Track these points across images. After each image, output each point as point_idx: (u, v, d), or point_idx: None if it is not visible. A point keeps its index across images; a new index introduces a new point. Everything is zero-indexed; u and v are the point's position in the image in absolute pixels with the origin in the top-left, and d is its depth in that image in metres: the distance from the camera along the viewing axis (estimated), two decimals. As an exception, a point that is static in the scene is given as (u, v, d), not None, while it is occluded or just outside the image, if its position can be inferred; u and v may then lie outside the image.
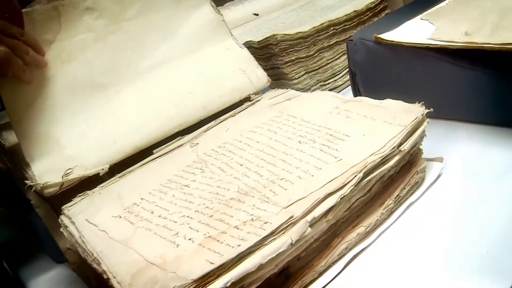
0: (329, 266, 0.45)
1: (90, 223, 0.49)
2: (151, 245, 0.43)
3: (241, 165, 0.51)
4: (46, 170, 0.55)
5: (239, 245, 0.39)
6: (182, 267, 0.39)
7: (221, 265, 0.37)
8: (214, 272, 0.37)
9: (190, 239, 0.42)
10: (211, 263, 0.38)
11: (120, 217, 0.49)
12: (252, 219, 0.42)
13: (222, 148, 0.56)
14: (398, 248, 0.46)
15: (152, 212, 0.48)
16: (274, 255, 0.38)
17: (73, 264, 0.56)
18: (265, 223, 0.41)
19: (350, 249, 0.47)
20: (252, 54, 0.78)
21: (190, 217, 0.45)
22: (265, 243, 0.39)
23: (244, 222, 0.42)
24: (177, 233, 0.43)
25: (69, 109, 0.60)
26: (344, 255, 0.46)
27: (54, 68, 0.60)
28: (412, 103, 0.53)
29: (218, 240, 0.40)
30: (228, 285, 0.36)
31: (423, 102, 0.52)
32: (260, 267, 0.38)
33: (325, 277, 0.44)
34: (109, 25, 0.65)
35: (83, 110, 0.61)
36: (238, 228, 0.41)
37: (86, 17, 0.63)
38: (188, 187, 0.51)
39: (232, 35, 0.73)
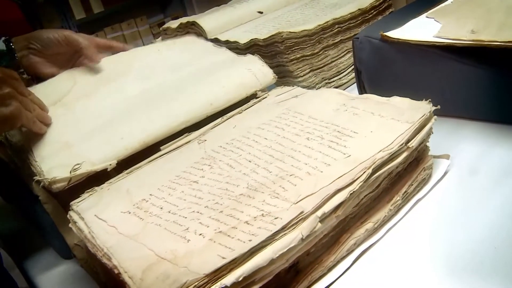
0: (338, 262, 0.46)
1: (99, 219, 0.49)
2: (161, 240, 0.43)
3: (250, 161, 0.52)
4: (54, 166, 0.56)
5: (250, 240, 0.39)
6: (193, 262, 0.39)
7: (232, 260, 0.38)
8: (226, 267, 0.37)
9: (200, 234, 0.42)
10: (223, 258, 0.38)
11: (130, 212, 0.49)
12: (262, 214, 0.42)
13: (230, 145, 0.56)
14: (405, 244, 0.47)
15: (161, 208, 0.48)
16: (285, 250, 0.39)
17: (81, 260, 0.56)
18: (275, 218, 0.41)
19: (359, 245, 0.47)
20: (257, 51, 0.79)
21: (200, 213, 0.45)
22: (276, 238, 0.39)
23: (255, 217, 0.42)
24: (187, 229, 0.44)
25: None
26: (352, 250, 0.46)
27: (72, 106, 0.67)
28: (418, 100, 0.53)
29: (229, 235, 0.41)
30: (240, 279, 0.37)
31: (430, 100, 0.52)
32: (271, 262, 0.38)
33: (334, 273, 0.45)
34: (119, 73, 0.74)
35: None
36: (248, 224, 0.41)
37: (98, 75, 0.74)
38: (197, 183, 0.51)
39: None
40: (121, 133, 0.60)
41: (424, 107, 0.52)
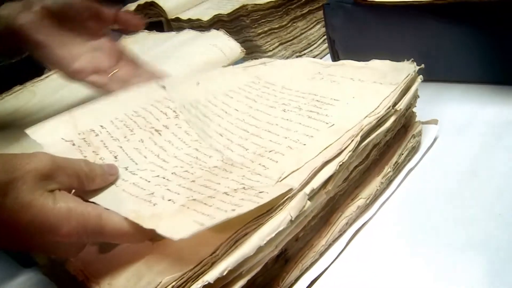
0: (330, 245, 0.41)
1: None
2: (118, 200, 0.37)
3: (221, 135, 0.46)
4: None
5: (233, 210, 0.33)
6: (162, 224, 0.33)
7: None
8: (207, 261, 0.32)
9: (170, 200, 0.37)
10: (201, 224, 0.32)
11: (73, 144, 0.42)
12: (244, 187, 0.37)
13: (195, 109, 0.50)
14: (401, 218, 0.42)
15: (115, 157, 0.42)
16: (273, 234, 0.33)
17: (43, 267, 0.50)
18: (260, 192, 0.35)
19: (351, 224, 0.42)
20: (221, 28, 0.74)
21: (167, 179, 0.40)
22: (262, 222, 0.34)
23: (235, 189, 0.36)
24: (152, 193, 0.38)
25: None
26: (345, 231, 0.42)
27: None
28: (400, 62, 0.49)
29: (205, 204, 0.35)
30: (225, 273, 0.31)
31: (413, 59, 0.48)
32: (259, 249, 0.33)
33: (327, 258, 0.40)
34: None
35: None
36: (228, 195, 0.36)
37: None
38: (160, 134, 0.44)
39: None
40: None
41: (408, 67, 0.47)
